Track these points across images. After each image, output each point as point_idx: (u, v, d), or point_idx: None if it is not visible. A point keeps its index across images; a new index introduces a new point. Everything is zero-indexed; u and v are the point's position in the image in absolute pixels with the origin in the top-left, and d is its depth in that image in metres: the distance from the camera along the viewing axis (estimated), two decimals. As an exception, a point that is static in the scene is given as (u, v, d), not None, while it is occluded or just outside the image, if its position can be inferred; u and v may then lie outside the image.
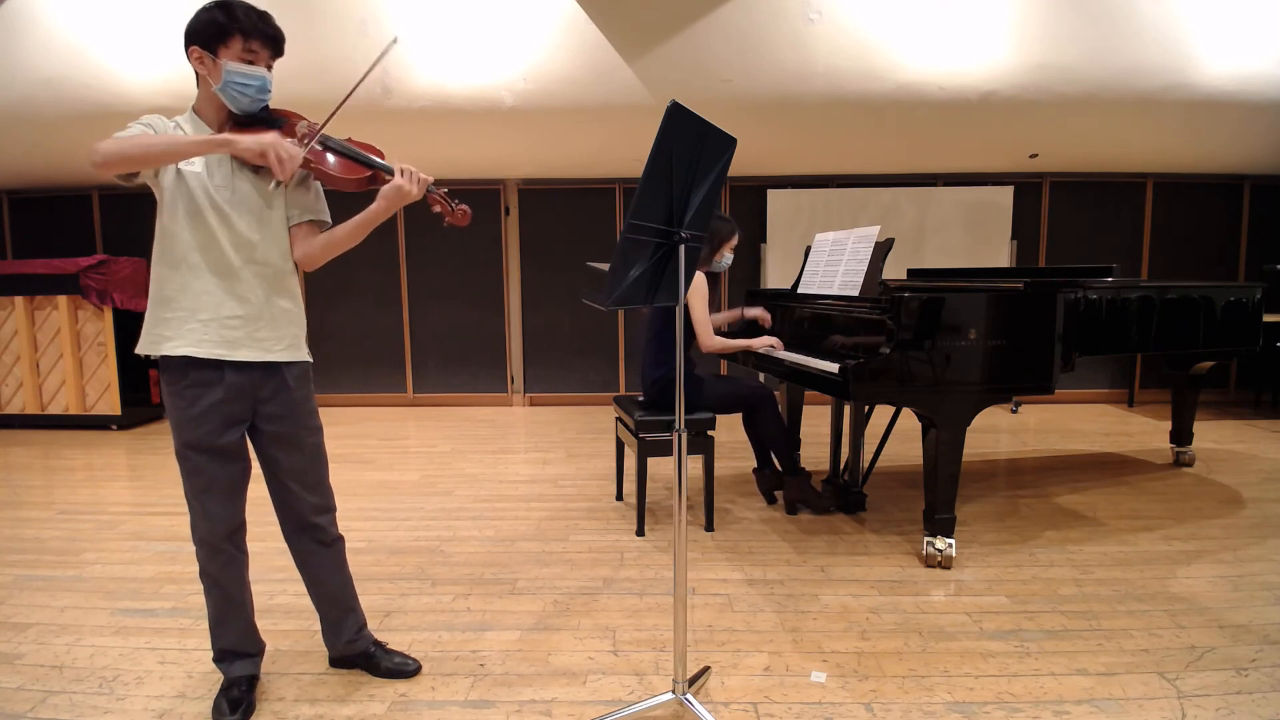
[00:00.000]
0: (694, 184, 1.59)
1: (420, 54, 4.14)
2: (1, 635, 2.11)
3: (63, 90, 4.28)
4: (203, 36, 1.55)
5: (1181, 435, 3.94)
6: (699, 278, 2.98)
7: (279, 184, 1.62)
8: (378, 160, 1.71)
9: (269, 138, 1.51)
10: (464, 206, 1.77)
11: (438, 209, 1.76)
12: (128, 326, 5.24)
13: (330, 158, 1.67)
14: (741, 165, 5.55)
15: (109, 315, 5.08)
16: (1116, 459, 4.15)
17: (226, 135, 1.51)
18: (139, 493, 3.64)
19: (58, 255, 5.25)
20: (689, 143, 1.52)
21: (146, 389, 5.57)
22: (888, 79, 4.25)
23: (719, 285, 3.19)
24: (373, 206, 1.65)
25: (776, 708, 1.74)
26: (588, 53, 4.13)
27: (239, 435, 1.66)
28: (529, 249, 6.05)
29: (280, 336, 1.67)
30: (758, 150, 5.23)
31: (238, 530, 1.71)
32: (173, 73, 4.19)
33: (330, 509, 1.82)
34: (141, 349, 1.61)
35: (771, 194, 5.77)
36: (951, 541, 2.57)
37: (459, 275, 6.05)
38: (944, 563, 2.56)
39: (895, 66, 4.19)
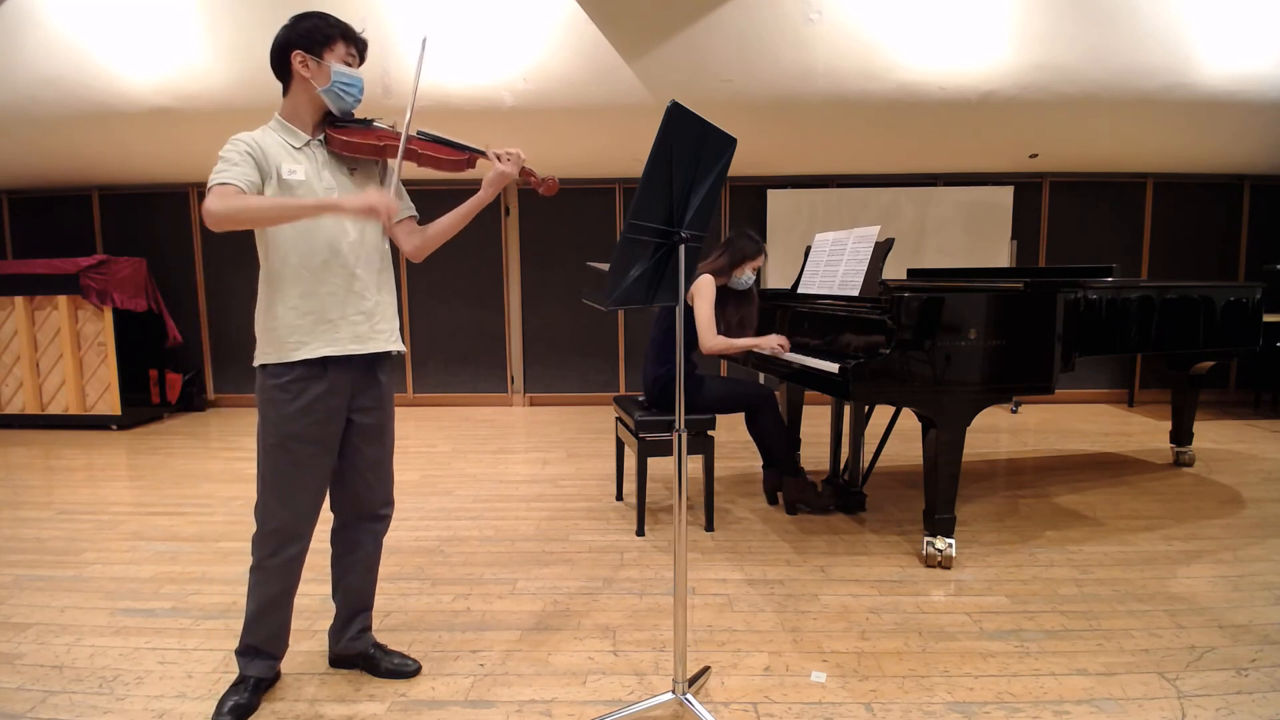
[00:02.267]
0: (694, 184, 1.59)
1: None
2: (1, 635, 2.11)
3: (63, 90, 4.28)
4: (308, 41, 1.62)
5: (1181, 435, 3.94)
6: (707, 279, 2.98)
7: (386, 182, 1.78)
8: (467, 144, 1.81)
9: (371, 195, 1.54)
10: (553, 177, 1.87)
11: (532, 182, 1.85)
12: (128, 326, 5.25)
13: (430, 144, 1.77)
14: (741, 165, 5.54)
15: (109, 315, 5.08)
16: (1116, 459, 4.15)
17: (333, 200, 1.56)
18: (139, 493, 3.64)
19: (58, 255, 5.25)
20: (689, 143, 1.52)
21: (146, 389, 5.57)
22: (888, 79, 4.25)
23: (751, 303, 3.19)
24: (479, 194, 1.75)
25: (776, 708, 1.74)
26: (588, 53, 4.12)
27: (338, 429, 1.73)
28: (529, 249, 6.05)
29: (392, 329, 1.79)
30: (758, 150, 5.23)
31: (312, 530, 1.75)
32: (173, 72, 4.19)
33: (392, 504, 1.92)
34: (272, 358, 1.64)
35: (771, 194, 5.77)
36: (951, 541, 2.57)
37: (459, 275, 6.05)
38: (944, 563, 2.56)
39: (895, 66, 4.19)
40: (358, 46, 1.68)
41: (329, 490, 1.81)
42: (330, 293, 1.65)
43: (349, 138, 1.66)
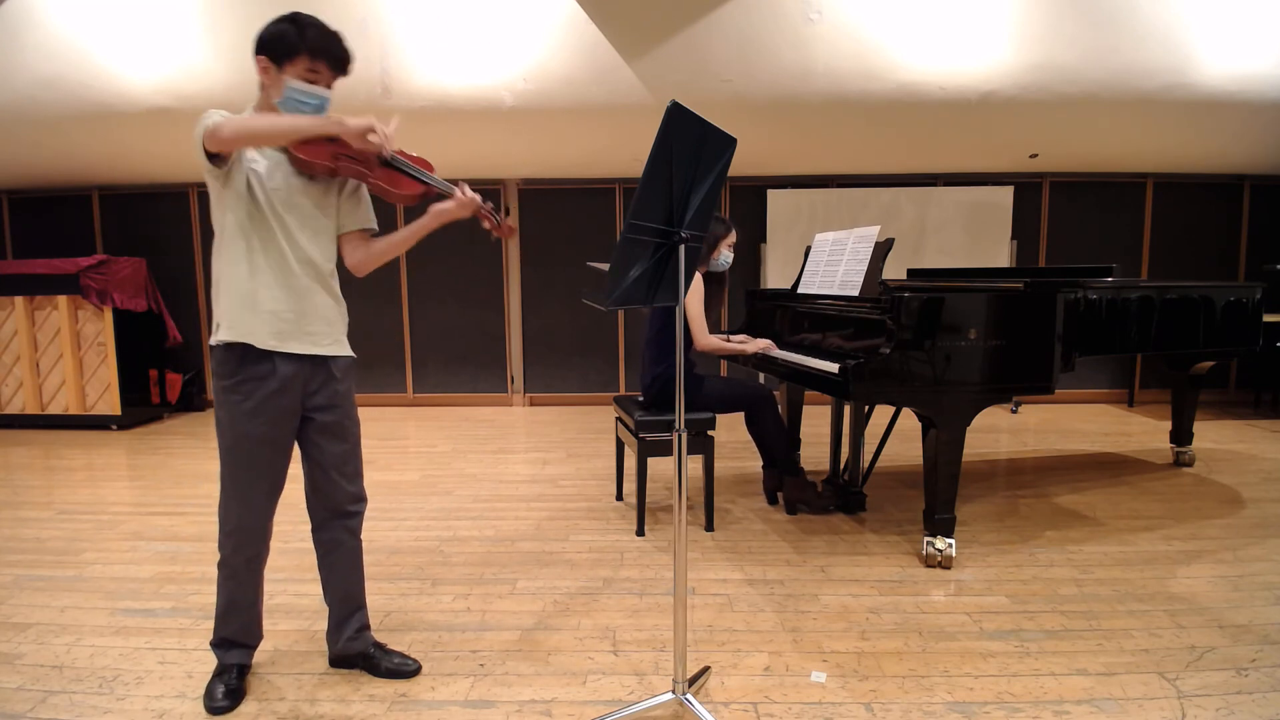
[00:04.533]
0: (694, 184, 1.59)
1: (420, 54, 4.14)
2: (1, 635, 2.11)
3: (63, 90, 4.28)
4: (270, 48, 1.59)
5: (1181, 435, 3.94)
6: (695, 276, 2.99)
7: (345, 187, 1.76)
8: (431, 177, 1.76)
9: (370, 118, 1.58)
10: (510, 223, 1.86)
11: (486, 225, 1.84)
12: (128, 326, 5.24)
13: (388, 172, 1.72)
14: (741, 165, 5.54)
15: (109, 315, 5.08)
16: (1116, 459, 4.15)
17: (337, 119, 1.58)
18: (139, 493, 3.64)
19: (58, 255, 5.25)
20: (689, 143, 1.52)
21: (146, 389, 5.57)
22: (888, 79, 4.25)
23: (724, 285, 3.20)
24: (423, 221, 1.75)
25: (776, 708, 1.74)
26: (588, 53, 4.12)
27: (291, 428, 1.74)
28: (529, 249, 6.05)
29: (328, 332, 1.76)
30: (758, 150, 5.22)
31: (269, 528, 1.78)
32: (173, 72, 4.19)
33: (364, 500, 1.89)
34: (217, 338, 1.68)
35: (771, 194, 5.77)
36: (951, 541, 2.56)
37: (459, 275, 6.05)
38: (944, 563, 2.56)
39: (895, 66, 4.19)
40: (329, 61, 1.61)
41: (305, 493, 1.83)
42: (264, 285, 1.65)
43: (304, 154, 1.60)
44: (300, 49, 1.58)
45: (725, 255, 3.10)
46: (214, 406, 1.71)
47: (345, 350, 1.80)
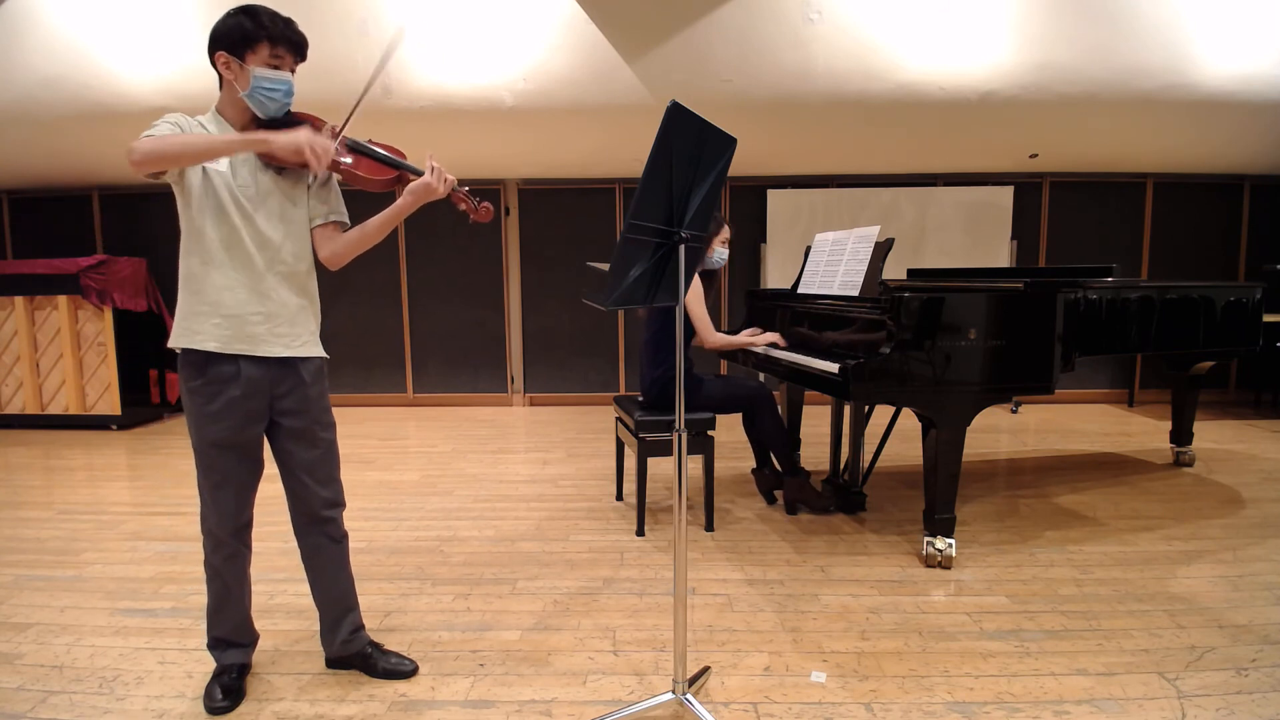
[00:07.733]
0: (694, 184, 1.59)
1: (420, 54, 4.14)
2: (1, 635, 2.11)
3: (63, 90, 4.28)
4: (229, 42, 1.57)
5: (1181, 435, 3.94)
6: (693, 277, 3.00)
7: (315, 178, 1.67)
8: (404, 161, 1.75)
9: (303, 134, 1.51)
10: (486, 204, 1.82)
11: (463, 207, 1.81)
12: (128, 326, 5.24)
13: (359, 159, 1.71)
14: (741, 165, 5.54)
15: (109, 315, 5.08)
16: (1116, 459, 4.15)
17: (262, 135, 1.52)
18: (139, 493, 3.64)
19: (58, 255, 5.25)
20: (689, 143, 1.52)
21: (146, 389, 5.57)
22: (888, 79, 4.25)
23: (715, 283, 3.21)
24: (399, 202, 1.69)
25: (776, 708, 1.74)
26: (588, 53, 4.12)
27: (257, 432, 1.71)
28: (529, 249, 6.05)
29: (298, 333, 1.71)
30: (758, 150, 5.22)
31: (245, 527, 1.76)
32: (173, 73, 4.19)
33: (341, 504, 1.86)
34: (172, 342, 1.64)
35: (771, 194, 5.77)
36: (951, 541, 2.56)
37: (459, 275, 6.05)
38: (944, 563, 2.56)
39: (895, 66, 4.19)
40: (289, 46, 1.60)
41: (286, 496, 1.81)
42: (229, 287, 1.61)
43: None
44: (260, 36, 1.56)
45: (719, 252, 3.10)
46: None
47: (316, 351, 1.76)
